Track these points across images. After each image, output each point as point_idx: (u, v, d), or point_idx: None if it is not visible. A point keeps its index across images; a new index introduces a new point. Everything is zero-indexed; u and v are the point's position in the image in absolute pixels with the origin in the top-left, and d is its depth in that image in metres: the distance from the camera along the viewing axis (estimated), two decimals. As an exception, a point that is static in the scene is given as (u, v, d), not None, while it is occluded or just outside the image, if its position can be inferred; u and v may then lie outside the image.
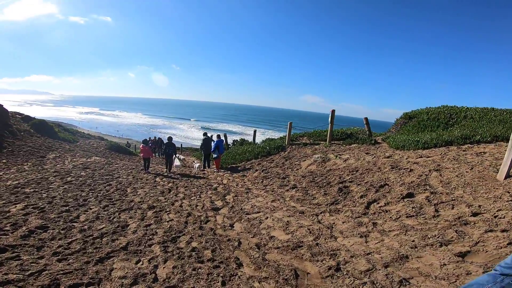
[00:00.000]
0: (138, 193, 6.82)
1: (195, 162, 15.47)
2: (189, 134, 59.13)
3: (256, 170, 9.47)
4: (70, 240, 3.73)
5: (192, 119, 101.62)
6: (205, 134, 13.02)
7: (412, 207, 4.27)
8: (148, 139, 12.43)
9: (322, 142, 11.57)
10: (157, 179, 9.03)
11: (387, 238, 3.60)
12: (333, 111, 10.97)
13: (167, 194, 6.84)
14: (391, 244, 3.42)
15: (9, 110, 18.40)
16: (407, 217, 4.09)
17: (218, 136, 11.94)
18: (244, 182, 8.19)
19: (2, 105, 16.25)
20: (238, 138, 18.70)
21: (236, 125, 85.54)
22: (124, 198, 6.21)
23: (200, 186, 7.95)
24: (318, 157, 8.33)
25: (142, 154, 10.71)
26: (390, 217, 4.18)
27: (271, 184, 7.46)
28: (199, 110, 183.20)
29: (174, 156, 11.28)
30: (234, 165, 11.58)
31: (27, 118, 18.74)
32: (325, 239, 3.71)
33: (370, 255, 3.21)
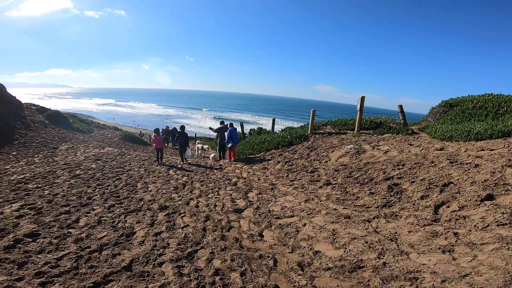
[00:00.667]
0: (149, 189, 6.07)
1: (210, 151, 14.75)
2: (203, 124, 58.82)
3: (279, 162, 8.53)
4: (62, 253, 2.96)
5: (205, 109, 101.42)
6: (222, 123, 12.17)
7: (502, 213, 3.21)
8: (160, 129, 11.69)
9: (349, 132, 10.44)
10: (171, 172, 8.27)
11: (482, 254, 2.60)
12: (362, 98, 9.79)
13: (181, 191, 6.05)
14: (492, 262, 2.42)
15: (24, 102, 18.33)
16: (498, 225, 3.05)
17: (231, 124, 11.01)
18: (267, 176, 7.29)
19: (15, 97, 15.97)
20: (252, 127, 17.74)
21: (249, 115, 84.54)
22: (133, 195, 5.46)
23: (217, 181, 7.12)
24: (351, 148, 7.26)
25: (154, 145, 9.99)
26: (475, 226, 3.14)
27: (299, 179, 6.51)
28: (212, 100, 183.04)
29: (187, 146, 10.52)
30: (252, 156, 10.69)
31: (42, 110, 18.53)
32: (393, 256, 2.74)
33: (469, 278, 2.24)
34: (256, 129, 14.63)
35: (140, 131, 31.40)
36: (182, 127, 10.63)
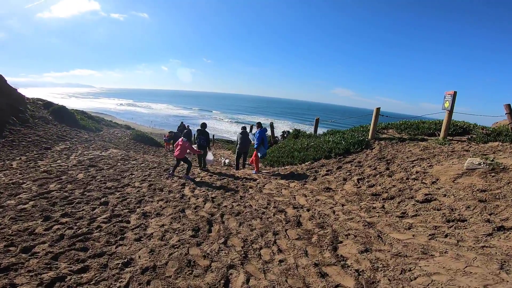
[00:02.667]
0: (148, 231, 3.51)
1: (224, 157, 12.21)
2: (218, 126, 56.86)
3: (345, 180, 5.77)
4: None
5: (219, 111, 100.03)
6: (243, 128, 9.58)
7: None
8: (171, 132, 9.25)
9: (429, 138, 7.56)
10: (186, 190, 5.71)
11: None
12: (454, 94, 6.95)
13: (205, 239, 3.41)
14: None
15: (30, 97, 16.67)
16: None
17: (259, 124, 8.26)
18: (343, 205, 4.54)
19: (16, 89, 14.11)
20: (288, 129, 14.90)
21: (266, 118, 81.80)
22: (113, 251, 2.89)
23: (263, 213, 4.44)
24: (480, 164, 4.40)
25: (176, 153, 7.32)
26: None
27: (415, 215, 3.75)
28: (229, 102, 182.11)
29: (207, 148, 8.01)
30: (291, 167, 7.98)
31: (48, 105, 16.79)
32: None
33: None
34: (291, 131, 11.86)
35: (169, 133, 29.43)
36: (203, 125, 8.16)
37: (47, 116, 14.56)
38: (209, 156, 8.44)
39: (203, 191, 5.59)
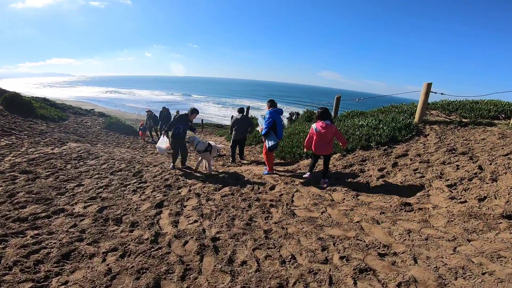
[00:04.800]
0: None
1: (198, 141, 9.85)
2: (206, 110, 53.94)
3: (421, 187, 3.65)
4: None
5: (207, 95, 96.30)
6: (241, 110, 7.37)
7: None
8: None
9: (497, 122, 5.54)
10: (164, 219, 3.43)
11: None
12: None
13: None
14: None
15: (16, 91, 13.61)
16: None
17: (271, 103, 5.47)
18: (477, 247, 2.40)
19: None
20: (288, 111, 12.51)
21: (255, 101, 78.81)
22: None
23: (331, 274, 2.22)
24: None
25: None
26: None
27: None
28: (215, 86, 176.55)
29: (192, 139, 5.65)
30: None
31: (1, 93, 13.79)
32: None
33: None
34: (303, 113, 9.51)
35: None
36: (193, 111, 5.84)
37: (-5, 104, 11.76)
38: (161, 144, 5.76)
39: (195, 220, 3.32)
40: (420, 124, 5.97)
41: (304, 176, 4.96)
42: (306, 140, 4.73)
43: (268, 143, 5.11)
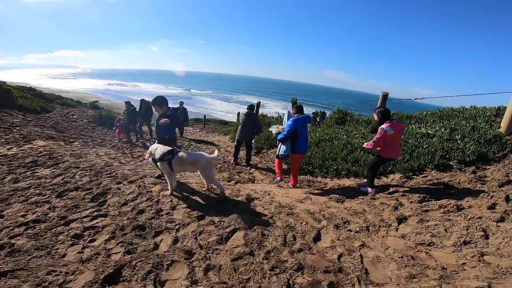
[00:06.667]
0: None
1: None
2: (209, 106, 52.14)
3: None
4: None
5: (212, 91, 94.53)
6: (250, 107, 6.58)
7: None
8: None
9: None
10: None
11: None
12: None
13: None
14: None
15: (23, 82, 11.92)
16: None
17: (298, 108, 4.62)
18: None
19: None
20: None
21: (260, 99, 76.94)
22: None
23: None
24: None
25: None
26: None
27: None
28: (221, 82, 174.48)
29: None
30: (354, 180, 4.04)
31: None
32: None
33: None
34: (331, 113, 7.43)
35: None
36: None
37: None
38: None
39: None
40: (509, 136, 4.11)
41: (368, 191, 3.73)
42: (375, 142, 3.74)
43: (279, 150, 4.54)
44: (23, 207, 2.97)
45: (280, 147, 4.56)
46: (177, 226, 2.83)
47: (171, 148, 3.50)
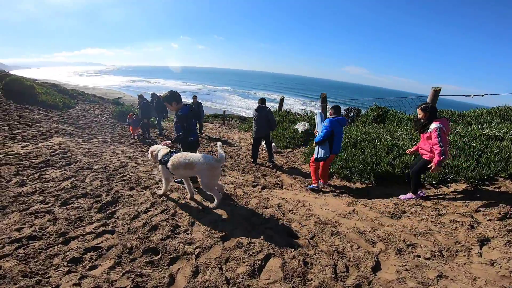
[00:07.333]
0: None
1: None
2: (227, 101, 51.82)
3: None
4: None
5: (230, 87, 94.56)
6: (262, 101, 6.09)
7: None
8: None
9: None
10: None
11: None
12: None
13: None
14: None
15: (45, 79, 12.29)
16: None
17: (335, 109, 4.41)
18: None
19: None
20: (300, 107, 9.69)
21: (274, 94, 75.44)
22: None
23: None
24: None
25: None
26: None
27: None
28: (240, 78, 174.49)
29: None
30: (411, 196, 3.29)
31: (3, 78, 12.39)
32: None
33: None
34: (368, 110, 6.57)
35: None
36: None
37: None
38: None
39: None
40: None
41: (410, 197, 3.21)
42: (444, 148, 3.06)
43: (318, 153, 4.30)
44: (21, 218, 2.54)
45: (318, 150, 4.32)
46: (197, 250, 2.27)
47: (170, 149, 3.11)
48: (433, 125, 3.11)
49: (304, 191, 4.39)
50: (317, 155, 4.31)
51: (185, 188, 3.43)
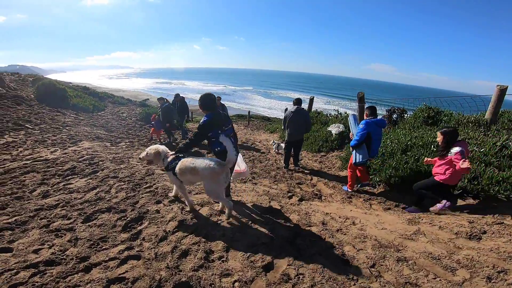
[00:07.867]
0: None
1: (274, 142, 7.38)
2: (250, 101, 51.55)
3: None
4: None
5: (251, 87, 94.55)
6: (297, 101, 5.57)
7: None
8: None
9: None
10: None
11: None
12: None
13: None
14: None
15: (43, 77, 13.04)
16: None
17: (372, 110, 4.18)
18: None
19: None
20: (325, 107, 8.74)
21: (301, 95, 74.08)
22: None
23: None
24: None
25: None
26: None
27: None
28: (261, 78, 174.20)
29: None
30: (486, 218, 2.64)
31: (36, 81, 13.00)
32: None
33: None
34: (417, 110, 5.72)
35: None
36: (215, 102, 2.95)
37: (28, 95, 10.76)
38: (240, 166, 3.35)
39: None
40: None
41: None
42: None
43: (356, 157, 4.12)
44: (40, 237, 2.30)
45: (355, 155, 4.13)
46: (236, 285, 1.86)
47: (177, 154, 2.84)
48: (455, 149, 3.04)
49: (348, 203, 3.86)
50: (356, 160, 4.13)
51: (217, 203, 3.07)
